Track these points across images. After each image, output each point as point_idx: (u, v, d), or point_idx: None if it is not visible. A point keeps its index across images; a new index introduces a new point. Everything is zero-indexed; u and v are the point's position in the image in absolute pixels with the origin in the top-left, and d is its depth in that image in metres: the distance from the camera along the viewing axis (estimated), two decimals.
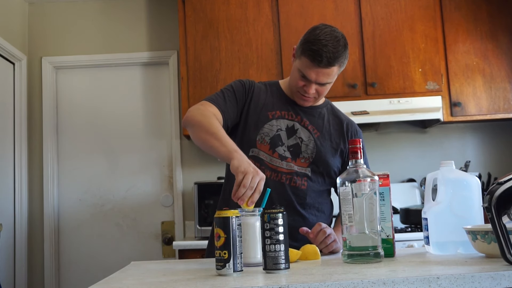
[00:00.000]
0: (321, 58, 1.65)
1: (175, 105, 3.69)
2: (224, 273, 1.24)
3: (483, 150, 3.61)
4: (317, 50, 1.65)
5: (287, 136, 1.79)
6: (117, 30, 3.79)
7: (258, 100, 1.83)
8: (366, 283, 1.07)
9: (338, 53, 1.66)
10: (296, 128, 1.80)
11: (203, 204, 3.16)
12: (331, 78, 1.72)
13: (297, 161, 1.77)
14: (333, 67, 1.69)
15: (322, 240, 1.61)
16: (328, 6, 3.36)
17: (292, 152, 1.77)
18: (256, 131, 1.77)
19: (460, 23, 3.36)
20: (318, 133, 1.82)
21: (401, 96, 3.26)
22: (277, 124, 1.79)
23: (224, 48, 3.35)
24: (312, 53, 1.66)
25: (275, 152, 1.76)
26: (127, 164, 3.73)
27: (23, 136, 3.62)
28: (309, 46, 1.67)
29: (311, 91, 1.74)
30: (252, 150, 1.77)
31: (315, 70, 1.69)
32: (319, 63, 1.66)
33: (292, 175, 1.76)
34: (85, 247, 3.66)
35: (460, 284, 1.08)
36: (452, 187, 1.50)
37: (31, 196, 3.65)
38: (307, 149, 1.78)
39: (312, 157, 1.78)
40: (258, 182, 1.40)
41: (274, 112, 1.81)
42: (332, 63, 1.67)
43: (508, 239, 1.18)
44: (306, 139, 1.79)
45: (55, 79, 3.80)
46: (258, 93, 1.84)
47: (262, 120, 1.79)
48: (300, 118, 1.82)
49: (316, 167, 1.79)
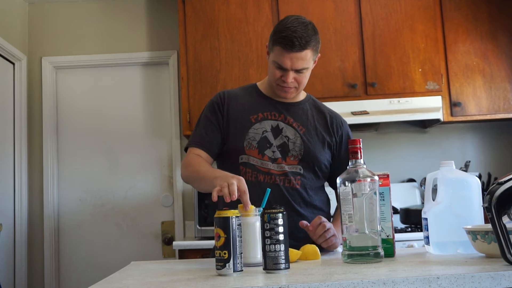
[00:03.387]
0: (293, 42, 1.68)
1: (175, 105, 3.70)
2: (224, 273, 1.24)
3: (483, 150, 3.61)
4: (287, 36, 1.68)
5: (273, 136, 1.79)
6: (117, 30, 3.79)
7: (236, 107, 1.85)
8: (366, 283, 1.07)
9: (308, 37, 1.69)
10: (281, 127, 1.81)
11: (203, 204, 3.16)
12: (306, 63, 1.73)
13: (287, 160, 1.78)
14: (306, 50, 1.70)
15: (321, 234, 1.61)
16: (328, 6, 3.36)
17: (281, 152, 1.78)
18: (242, 138, 1.78)
19: (460, 23, 3.36)
20: (303, 129, 1.83)
21: (401, 96, 3.26)
22: (261, 126, 1.80)
23: (224, 48, 3.35)
24: (284, 40, 1.69)
25: (265, 155, 1.77)
26: (127, 164, 3.73)
27: (23, 136, 3.62)
28: (280, 35, 1.71)
29: (289, 79, 1.75)
30: (241, 157, 1.78)
31: (289, 56, 1.71)
32: (291, 48, 1.69)
33: (285, 175, 1.76)
34: (85, 247, 3.66)
35: (460, 284, 1.08)
36: (452, 187, 1.50)
37: (31, 196, 3.65)
38: (294, 146, 1.79)
39: (300, 154, 1.79)
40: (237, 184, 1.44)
41: (256, 115, 1.82)
42: (304, 46, 1.69)
43: (508, 239, 1.18)
44: (292, 137, 1.80)
45: (55, 79, 3.80)
46: (234, 100, 1.86)
47: (246, 126, 1.80)
48: (284, 116, 1.83)
49: (307, 163, 1.79)
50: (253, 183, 1.73)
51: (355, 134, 3.02)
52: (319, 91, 3.24)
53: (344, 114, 3.02)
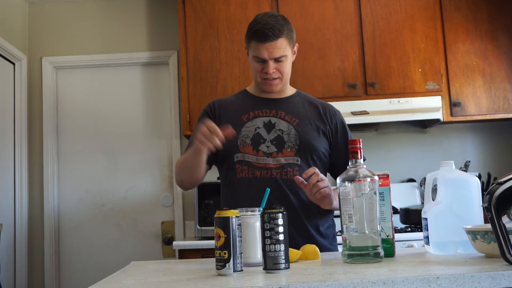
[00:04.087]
0: (265, 33, 1.75)
1: (175, 105, 3.70)
2: (224, 273, 1.24)
3: (483, 150, 3.61)
4: (260, 29, 1.77)
5: (266, 131, 1.82)
6: (117, 30, 3.79)
7: (227, 111, 1.89)
8: (366, 283, 1.07)
9: (280, 26, 1.77)
10: (273, 122, 1.84)
11: (203, 204, 3.16)
12: (283, 50, 1.78)
13: (284, 152, 1.80)
14: (280, 38, 1.77)
15: (315, 183, 1.61)
16: (328, 6, 3.36)
17: (276, 145, 1.80)
18: (235, 137, 1.80)
19: (460, 23, 3.36)
20: (296, 120, 1.85)
21: (401, 96, 3.26)
22: (253, 124, 1.83)
23: (224, 48, 3.35)
24: (256, 33, 1.77)
25: (259, 151, 1.79)
26: (127, 164, 3.73)
27: (23, 136, 3.62)
28: (252, 30, 1.80)
29: (271, 70, 1.80)
30: (236, 156, 1.81)
31: (264, 47, 1.77)
32: (266, 38, 1.75)
33: (281, 168, 1.78)
34: (85, 247, 3.66)
35: (460, 284, 1.08)
36: (452, 187, 1.50)
37: (31, 196, 3.65)
38: (289, 138, 1.81)
39: (297, 144, 1.80)
40: (204, 128, 1.57)
41: (248, 115, 1.86)
42: (277, 35, 1.76)
43: (508, 239, 1.18)
44: (286, 129, 1.83)
45: (55, 79, 3.80)
46: (225, 106, 1.92)
47: (238, 125, 1.83)
48: (275, 111, 1.86)
49: (304, 153, 1.81)
50: (251, 180, 1.76)
51: (355, 134, 3.03)
52: (319, 91, 3.24)
53: (344, 114, 3.00)
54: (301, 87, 2.00)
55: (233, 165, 1.80)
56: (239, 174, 1.78)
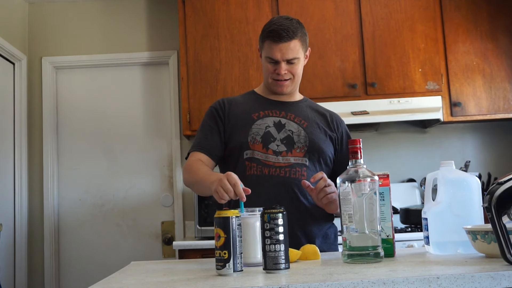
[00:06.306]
0: (280, 34, 1.78)
1: (175, 105, 3.70)
2: (224, 273, 1.24)
3: (483, 150, 3.61)
4: (274, 29, 1.79)
5: (277, 131, 1.83)
6: (117, 30, 3.79)
7: (237, 109, 1.90)
8: (366, 283, 1.07)
9: (294, 28, 1.79)
10: (283, 123, 1.85)
11: (203, 204, 3.16)
12: (296, 52, 1.80)
13: (293, 152, 1.80)
14: (294, 40, 1.79)
15: (322, 187, 1.62)
16: (328, 6, 3.36)
17: (286, 145, 1.81)
18: (246, 134, 1.81)
19: (460, 23, 3.36)
20: (305, 123, 1.87)
21: (401, 96, 3.26)
22: (264, 122, 1.84)
23: (224, 48, 3.35)
24: (271, 33, 1.79)
25: (269, 149, 1.80)
26: (127, 164, 3.73)
27: (23, 136, 3.62)
28: (267, 30, 1.82)
29: (282, 71, 1.81)
30: (246, 153, 1.80)
31: (278, 47, 1.79)
32: (280, 39, 1.77)
33: (290, 167, 1.78)
34: (85, 247, 3.66)
35: (460, 284, 1.08)
36: (452, 187, 1.50)
37: (31, 196, 3.65)
38: (299, 138, 1.82)
39: (306, 145, 1.82)
40: (228, 180, 1.48)
41: (258, 113, 1.86)
42: (291, 36, 1.78)
43: (508, 239, 1.18)
44: (295, 130, 1.84)
45: (55, 79, 3.80)
46: (235, 105, 1.92)
47: (248, 123, 1.84)
48: (285, 113, 1.87)
49: (312, 155, 1.82)
50: (259, 177, 1.76)
51: (355, 134, 3.02)
52: (319, 91, 3.24)
53: (344, 114, 3.02)
54: (301, 87, 1.99)
55: (243, 162, 1.80)
56: (248, 171, 1.78)
